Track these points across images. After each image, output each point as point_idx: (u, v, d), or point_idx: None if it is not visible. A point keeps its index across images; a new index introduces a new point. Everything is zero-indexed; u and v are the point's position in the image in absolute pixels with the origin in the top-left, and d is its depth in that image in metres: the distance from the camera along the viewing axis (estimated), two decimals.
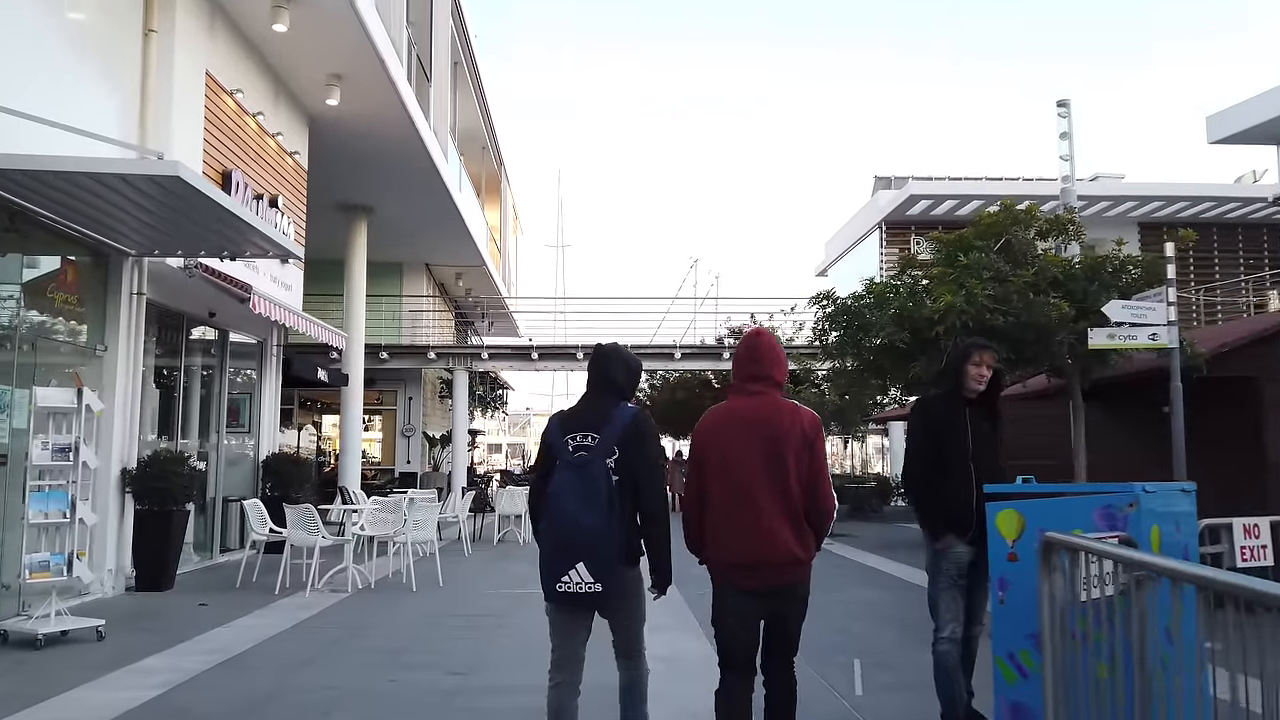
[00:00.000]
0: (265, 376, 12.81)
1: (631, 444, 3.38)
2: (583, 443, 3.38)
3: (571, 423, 3.47)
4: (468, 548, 12.65)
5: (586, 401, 3.55)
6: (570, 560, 3.25)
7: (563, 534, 3.28)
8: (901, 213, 23.97)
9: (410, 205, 18.32)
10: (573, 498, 3.27)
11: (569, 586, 3.26)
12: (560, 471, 3.36)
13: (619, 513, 3.29)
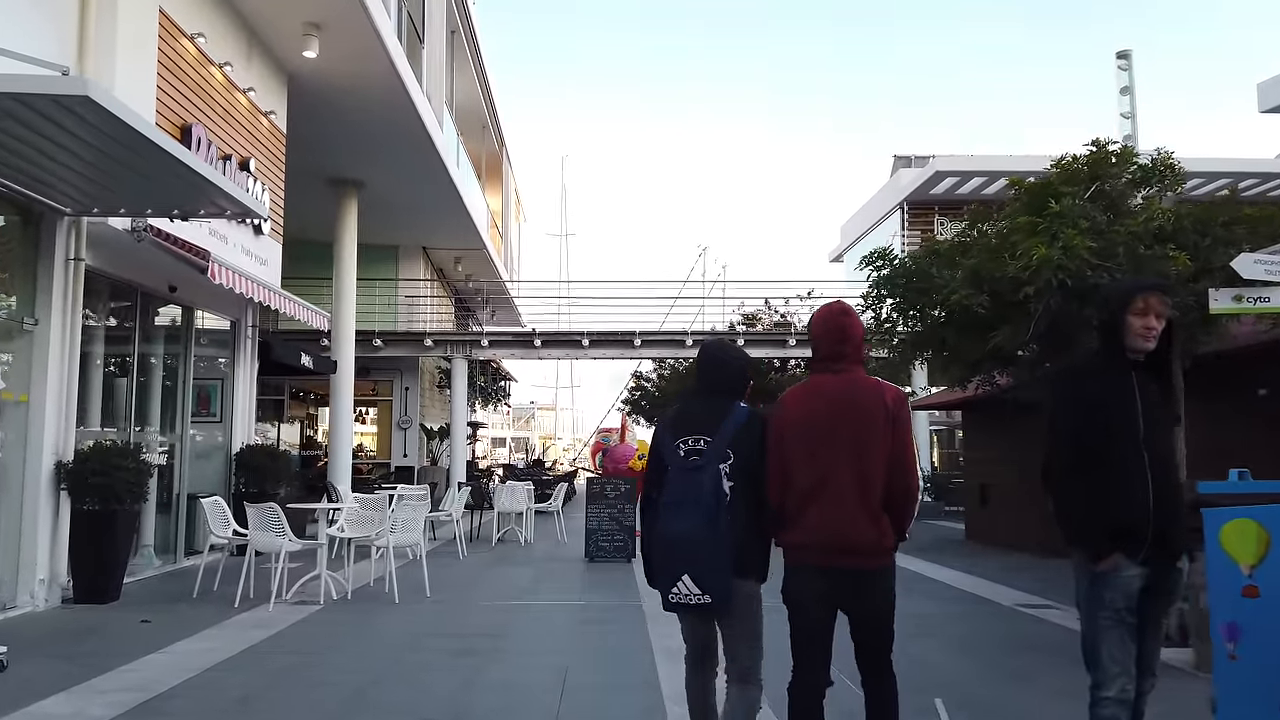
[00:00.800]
0: (239, 361, 11.59)
1: (746, 447, 3.21)
2: (695, 446, 3.22)
3: (682, 425, 3.30)
4: (462, 549, 11.43)
5: (698, 401, 3.37)
6: (676, 571, 3.12)
7: (669, 543, 3.15)
8: (925, 192, 22.68)
9: (404, 180, 17.10)
10: (682, 505, 3.13)
11: (679, 598, 3.13)
12: (670, 477, 3.23)
13: (730, 521, 3.10)
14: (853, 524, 3.07)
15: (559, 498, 13.89)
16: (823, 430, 3.14)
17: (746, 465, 3.19)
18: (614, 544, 11.01)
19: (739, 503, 3.14)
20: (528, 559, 11.36)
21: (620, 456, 14.53)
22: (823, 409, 3.17)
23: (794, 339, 20.40)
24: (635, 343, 20.51)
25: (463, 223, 20.66)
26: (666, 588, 3.15)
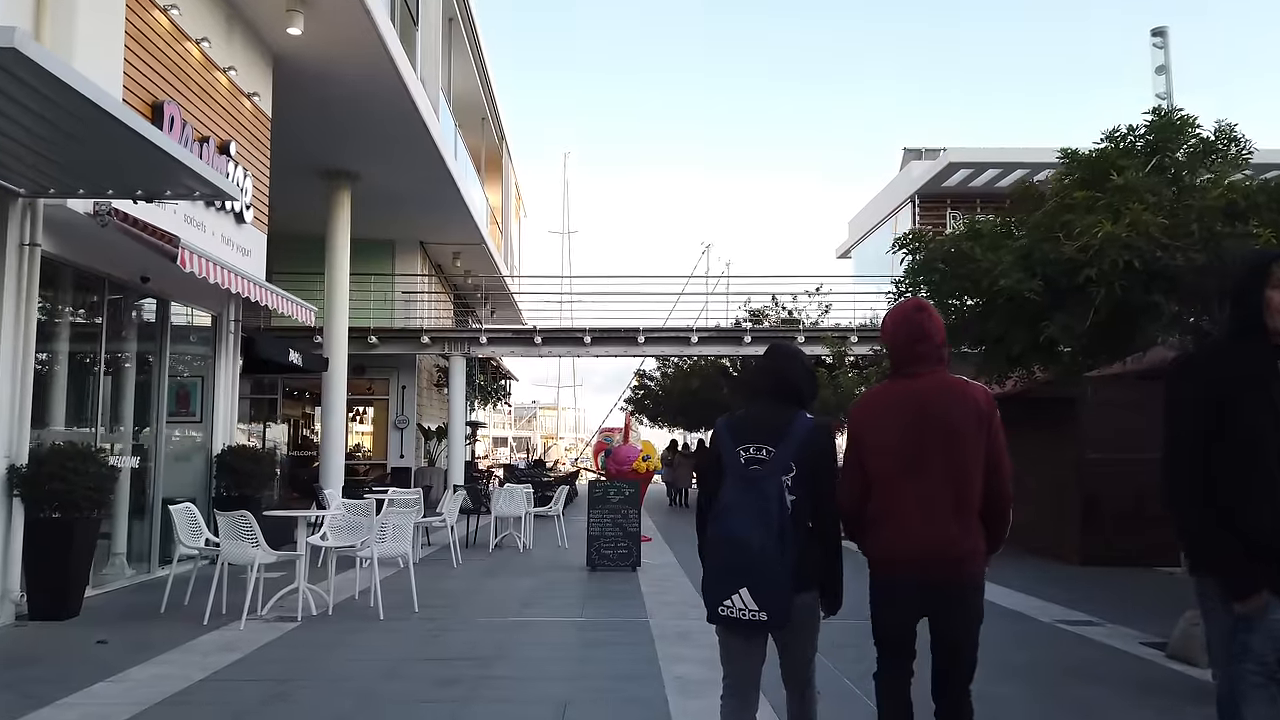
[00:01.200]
0: (221, 358, 10.94)
1: (810, 460, 3.08)
2: (756, 455, 3.09)
3: (744, 431, 3.15)
4: (457, 557, 10.78)
5: (761, 407, 3.22)
6: (733, 584, 2.97)
7: (727, 555, 3.00)
8: (937, 184, 21.98)
9: (399, 172, 16.48)
10: (741, 516, 2.99)
11: (731, 612, 2.98)
12: (730, 485, 3.08)
13: (791, 536, 2.97)
14: (943, 534, 2.96)
15: (559, 501, 13.23)
16: (908, 436, 3.02)
17: (809, 478, 3.06)
18: (618, 551, 10.36)
19: (801, 516, 3.02)
20: (526, 567, 10.70)
21: (624, 458, 13.88)
22: (907, 414, 3.04)
23: (803, 335, 19.74)
24: (639, 340, 19.86)
25: (461, 217, 20.04)
26: (718, 599, 3.00)
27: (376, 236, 21.04)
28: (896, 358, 3.16)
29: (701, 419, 27.04)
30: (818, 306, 21.20)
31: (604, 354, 20.59)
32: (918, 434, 3.02)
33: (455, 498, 11.20)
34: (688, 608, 7.93)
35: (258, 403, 21.45)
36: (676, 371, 25.36)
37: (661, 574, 10.11)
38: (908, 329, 3.12)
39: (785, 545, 2.93)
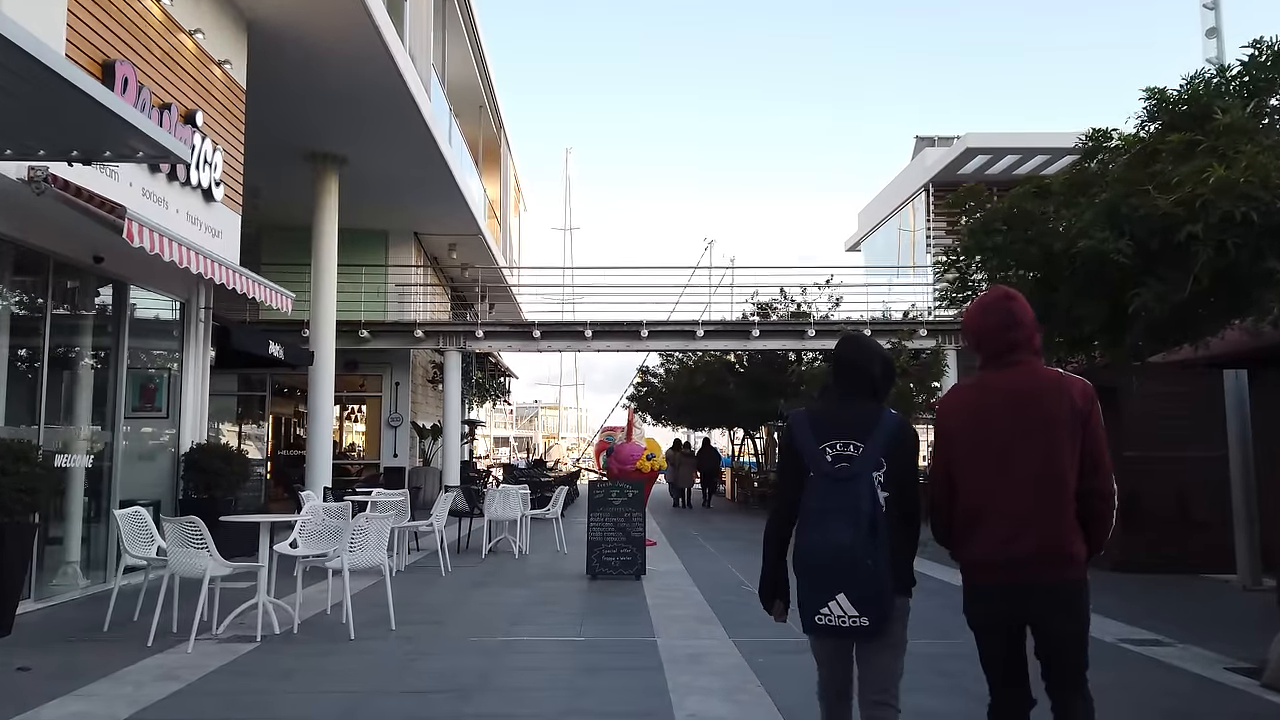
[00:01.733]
0: (190, 349, 10.09)
1: (899, 456, 2.95)
2: (844, 452, 2.94)
3: (827, 427, 2.99)
4: (445, 564, 9.92)
5: (839, 401, 3.08)
6: (830, 589, 2.82)
7: (821, 559, 2.84)
8: (953, 172, 21.09)
9: (390, 156, 15.64)
10: (835, 517, 2.83)
11: (829, 619, 2.83)
12: (817, 485, 2.92)
13: (887, 535, 2.82)
14: (1041, 535, 2.83)
15: (558, 503, 12.37)
16: (1001, 432, 2.89)
17: (898, 475, 2.94)
18: (620, 558, 9.49)
19: (892, 514, 2.90)
20: (520, 576, 9.84)
21: (627, 456, 13.01)
22: (998, 408, 2.91)
23: (813, 329, 18.87)
24: (642, 334, 18.99)
25: (457, 206, 19.20)
26: (816, 608, 2.87)
27: (369, 226, 20.24)
28: (987, 349, 2.99)
29: (706, 418, 26.16)
30: (828, 300, 20.29)
31: (605, 348, 19.72)
32: (1012, 429, 2.86)
33: (445, 500, 10.33)
34: (699, 624, 7.06)
35: (246, 400, 20.62)
36: (681, 368, 24.46)
37: (668, 583, 9.24)
38: (998, 317, 2.96)
39: (881, 546, 2.81)
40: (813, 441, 2.98)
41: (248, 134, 11.95)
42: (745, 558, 11.62)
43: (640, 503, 9.75)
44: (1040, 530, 2.81)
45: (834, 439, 2.96)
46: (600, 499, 9.70)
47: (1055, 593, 2.83)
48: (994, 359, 2.96)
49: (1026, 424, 2.83)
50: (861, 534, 2.79)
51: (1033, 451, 2.82)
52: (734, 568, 10.57)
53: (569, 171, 59.87)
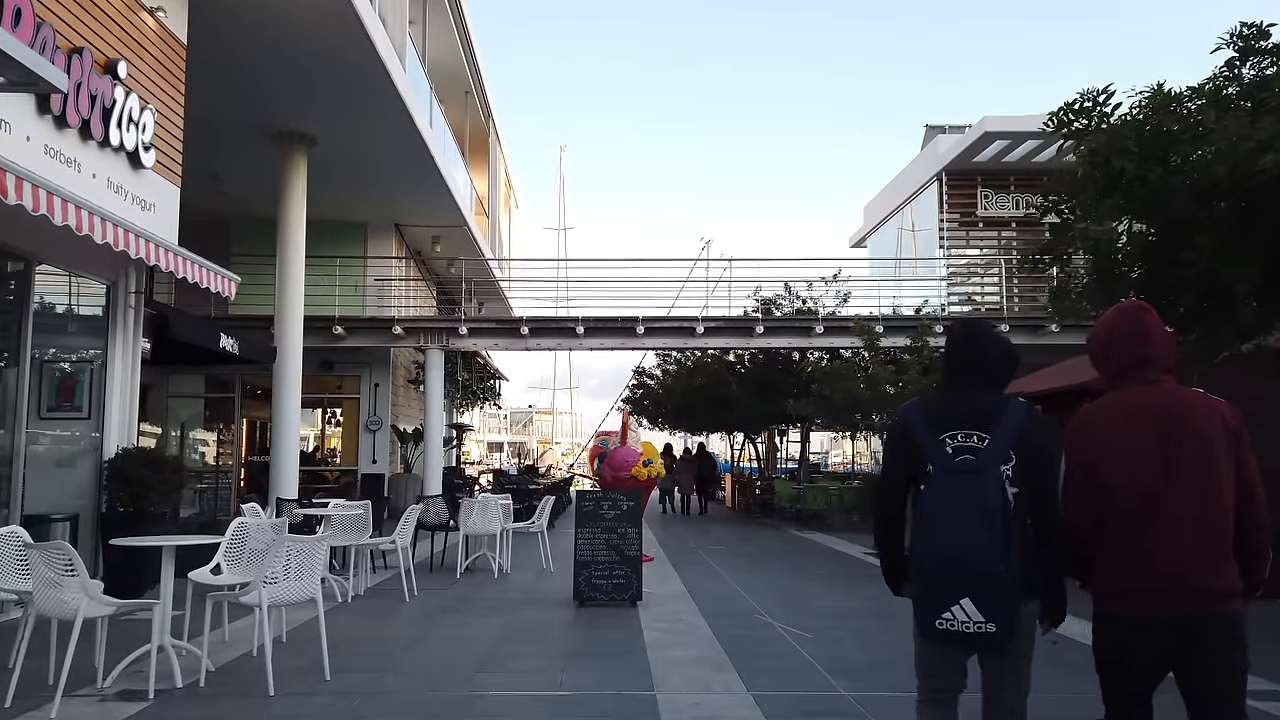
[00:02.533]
0: (116, 339, 8.76)
1: (1030, 449, 2.74)
2: (966, 444, 2.75)
3: (945, 417, 2.80)
4: (411, 587, 8.59)
5: (959, 390, 2.89)
6: (955, 592, 2.62)
7: (947, 559, 2.65)
8: (968, 159, 19.86)
9: (364, 136, 14.41)
10: (960, 514, 2.64)
11: (952, 625, 2.64)
12: (938, 479, 2.74)
13: (1018, 535, 2.63)
14: (1194, 564, 2.59)
15: (543, 514, 11.04)
16: (1149, 453, 2.67)
17: (1030, 470, 2.73)
18: (613, 582, 8.17)
19: (1022, 513, 2.67)
20: (497, 601, 8.51)
21: (621, 463, 11.70)
22: (1147, 427, 2.69)
23: (821, 325, 17.58)
24: (637, 330, 17.69)
25: (440, 195, 17.93)
26: (937, 612, 2.66)
27: (346, 217, 18.98)
28: (1119, 362, 2.80)
29: (705, 421, 24.83)
30: (835, 295, 19.02)
31: (599, 346, 18.41)
32: (1163, 452, 2.65)
33: (411, 513, 8.98)
34: (708, 670, 5.74)
35: (215, 402, 19.29)
36: (679, 369, 23.16)
37: (669, 611, 7.93)
38: (1130, 328, 2.79)
39: (1011, 546, 2.59)
40: (929, 432, 2.77)
41: (202, 108, 10.73)
42: (755, 577, 10.31)
43: (636, 516, 8.45)
44: (1201, 561, 2.60)
45: (955, 429, 2.75)
46: (589, 512, 8.39)
47: (1219, 630, 2.60)
48: (1122, 375, 2.79)
49: (1180, 446, 2.63)
50: (989, 533, 2.59)
51: (1189, 475, 2.62)
52: (743, 589, 9.26)
53: (563, 170, 58.45)
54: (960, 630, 2.63)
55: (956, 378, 2.91)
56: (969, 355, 2.90)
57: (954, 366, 2.93)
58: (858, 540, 14.92)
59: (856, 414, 13.66)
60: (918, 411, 2.88)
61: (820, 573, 10.89)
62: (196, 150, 15.25)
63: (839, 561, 12.25)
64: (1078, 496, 2.76)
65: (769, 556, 12.69)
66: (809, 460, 26.65)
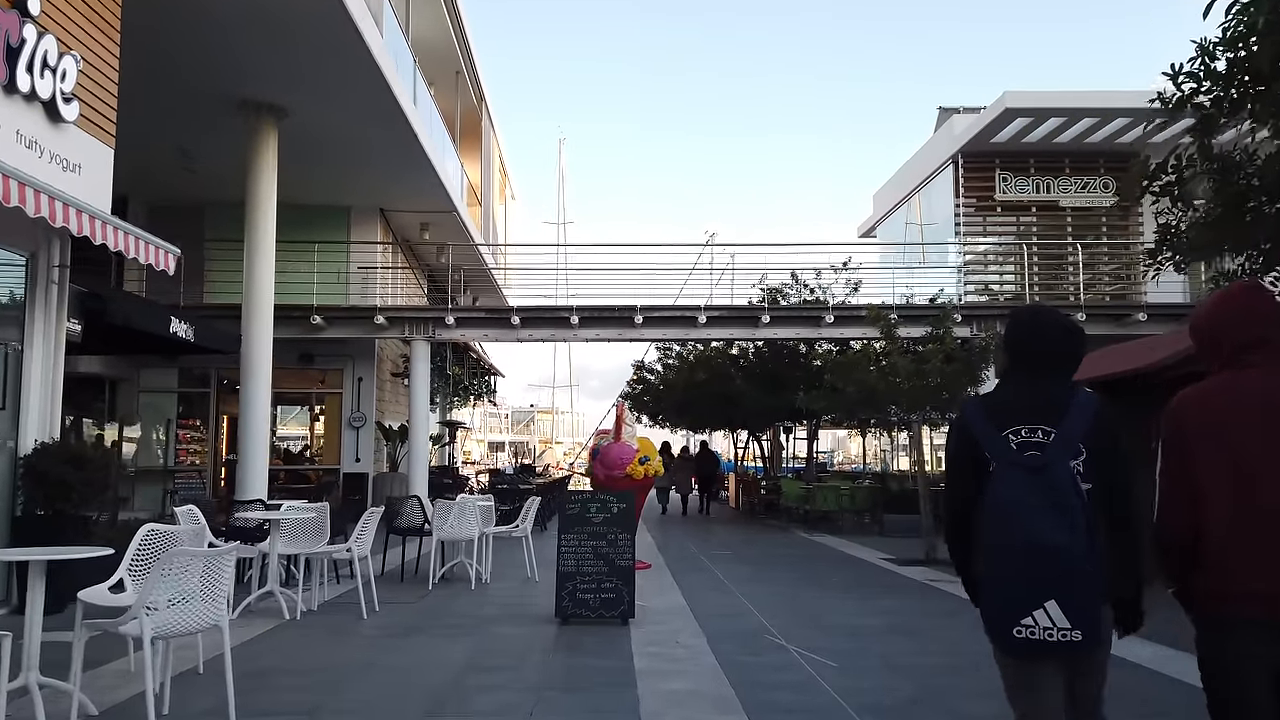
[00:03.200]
0: (35, 319, 7.70)
1: (1102, 441, 2.56)
2: (1031, 438, 2.56)
3: (1007, 411, 2.63)
4: (371, 601, 7.52)
5: (1021, 382, 2.72)
6: (1035, 597, 2.41)
7: (1026, 560, 2.42)
8: (987, 139, 18.73)
9: (339, 108, 13.36)
10: (1034, 512, 2.43)
11: (1034, 633, 2.41)
12: (1006, 475, 2.53)
13: (1096, 534, 2.44)
14: None
15: (528, 517, 9.97)
16: (1258, 441, 2.41)
17: (1103, 465, 2.54)
18: (602, 596, 7.10)
19: (1096, 510, 2.49)
20: (468, 618, 7.44)
21: (615, 460, 10.63)
22: (1252, 414, 2.44)
23: (831, 314, 16.50)
24: (635, 320, 16.61)
25: (426, 179, 16.90)
26: (1015, 619, 2.44)
27: (328, 201, 17.96)
28: (1226, 344, 2.53)
29: (706, 418, 23.72)
30: (845, 284, 17.93)
31: (595, 337, 17.33)
32: (1270, 440, 2.39)
33: (371, 517, 7.89)
34: (712, 710, 4.66)
35: (190, 397, 18.27)
36: (680, 363, 22.05)
37: (666, 630, 6.85)
38: (1241, 308, 2.54)
39: (1094, 544, 2.42)
40: (991, 428, 2.60)
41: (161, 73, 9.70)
42: (763, 587, 9.23)
43: (629, 520, 7.37)
44: None
45: (1019, 423, 2.58)
46: (575, 516, 7.31)
47: None
48: (1236, 355, 2.51)
49: None
50: (1069, 531, 2.39)
51: None
52: (752, 604, 8.17)
53: (562, 163, 57.31)
54: (1043, 639, 2.42)
55: (1018, 368, 2.74)
56: (1034, 343, 2.73)
57: (1015, 356, 2.76)
58: (871, 544, 13.84)
59: (870, 407, 12.55)
60: (978, 407, 2.71)
61: (836, 582, 9.81)
62: (159, 122, 14.25)
63: (854, 568, 11.16)
64: (1173, 488, 2.49)
65: (777, 563, 11.61)
66: (816, 459, 25.59)
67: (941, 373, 11.15)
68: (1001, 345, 2.85)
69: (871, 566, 11.28)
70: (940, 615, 7.70)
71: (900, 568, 11.05)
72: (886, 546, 13.36)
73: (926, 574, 10.38)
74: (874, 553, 12.61)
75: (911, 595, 8.92)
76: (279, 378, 18.76)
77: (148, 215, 18.01)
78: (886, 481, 18.17)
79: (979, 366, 11.69)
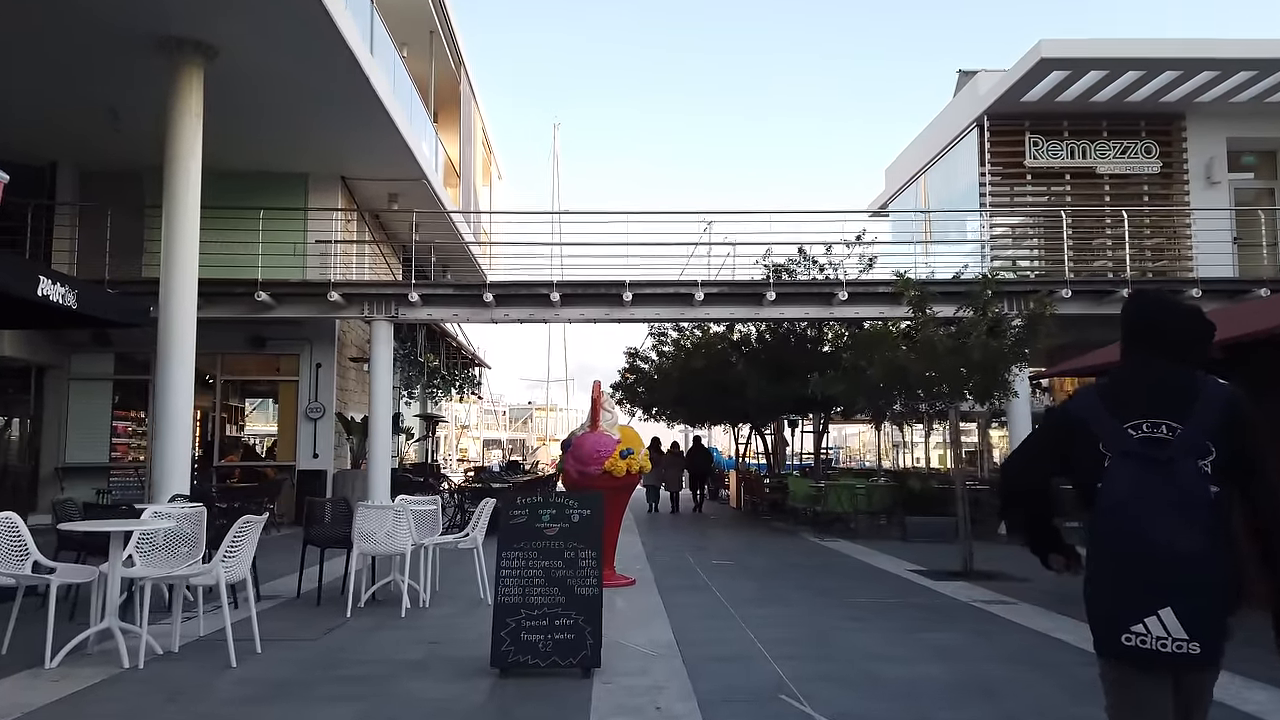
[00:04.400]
0: None
1: (1235, 439, 2.32)
2: (1154, 433, 2.34)
3: (1128, 401, 2.40)
4: (255, 639, 5.60)
5: (1142, 371, 2.50)
6: (1152, 602, 2.21)
7: (1141, 564, 2.23)
8: (1016, 98, 16.75)
9: (275, 46, 11.51)
10: (1156, 512, 2.24)
11: (1144, 641, 2.22)
12: (1123, 471, 2.32)
13: (1227, 539, 2.24)
14: None
15: (479, 525, 8.02)
16: None
17: (1236, 466, 2.30)
18: (555, 637, 5.17)
19: (1227, 514, 2.28)
20: (375, 667, 5.51)
21: (590, 453, 8.71)
22: None
23: (845, 291, 14.59)
24: (625, 298, 14.68)
25: (390, 140, 15.05)
26: (1126, 624, 2.24)
27: (281, 168, 16.09)
28: None
29: (707, 411, 21.76)
30: (859, 260, 16.02)
31: (579, 317, 15.40)
32: None
33: (247, 529, 5.92)
34: None
35: (127, 386, 16.38)
36: (676, 350, 20.09)
37: (644, 686, 4.93)
38: None
39: (1220, 551, 2.22)
40: (1110, 420, 2.39)
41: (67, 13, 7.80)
42: (774, 611, 7.31)
43: (592, 532, 5.44)
44: None
45: (1141, 416, 2.37)
46: (521, 526, 5.39)
47: None
48: None
49: None
50: (1192, 534, 2.21)
51: None
52: (761, 639, 6.23)
53: (556, 148, 55.20)
54: (1154, 649, 2.19)
55: (1138, 355, 2.53)
56: (1157, 331, 2.51)
57: (1136, 341, 2.55)
58: (893, 550, 11.92)
59: (896, 390, 10.61)
60: (1092, 395, 2.50)
61: (864, 604, 7.87)
62: (77, 73, 12.34)
63: (882, 583, 9.24)
64: None
65: (788, 576, 9.69)
66: (825, 455, 23.66)
67: (985, 347, 9.22)
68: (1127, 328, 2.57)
69: (902, 581, 9.36)
70: (1016, 660, 5.78)
71: (935, 583, 9.14)
72: (912, 554, 11.45)
73: (970, 592, 8.48)
74: (900, 563, 10.69)
75: (964, 624, 7.00)
76: (228, 364, 17.02)
77: (79, 181, 16.14)
78: (907, 480, 16.21)
79: (1027, 343, 9.74)
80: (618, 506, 9.07)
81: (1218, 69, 15.73)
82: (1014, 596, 8.18)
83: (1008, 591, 8.48)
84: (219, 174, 14.91)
